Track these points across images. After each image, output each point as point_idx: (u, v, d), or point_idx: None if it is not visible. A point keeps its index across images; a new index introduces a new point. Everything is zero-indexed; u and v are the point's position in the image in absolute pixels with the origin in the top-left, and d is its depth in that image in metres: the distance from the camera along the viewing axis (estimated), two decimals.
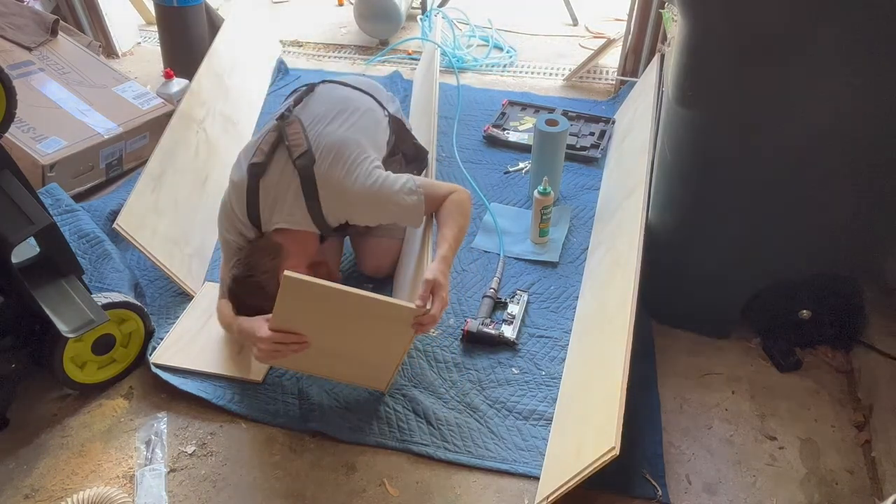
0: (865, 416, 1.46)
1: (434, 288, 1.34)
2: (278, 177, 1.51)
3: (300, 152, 1.50)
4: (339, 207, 1.52)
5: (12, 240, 1.29)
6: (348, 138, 1.55)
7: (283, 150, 1.53)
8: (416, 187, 1.51)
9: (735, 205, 1.42)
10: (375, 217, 1.57)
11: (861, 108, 1.19)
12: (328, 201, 1.51)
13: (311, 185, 1.49)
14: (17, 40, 2.31)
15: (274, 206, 1.52)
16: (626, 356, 1.26)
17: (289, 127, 1.55)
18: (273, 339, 1.36)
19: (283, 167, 1.52)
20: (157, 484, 1.37)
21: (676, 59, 1.35)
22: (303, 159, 1.50)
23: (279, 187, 1.51)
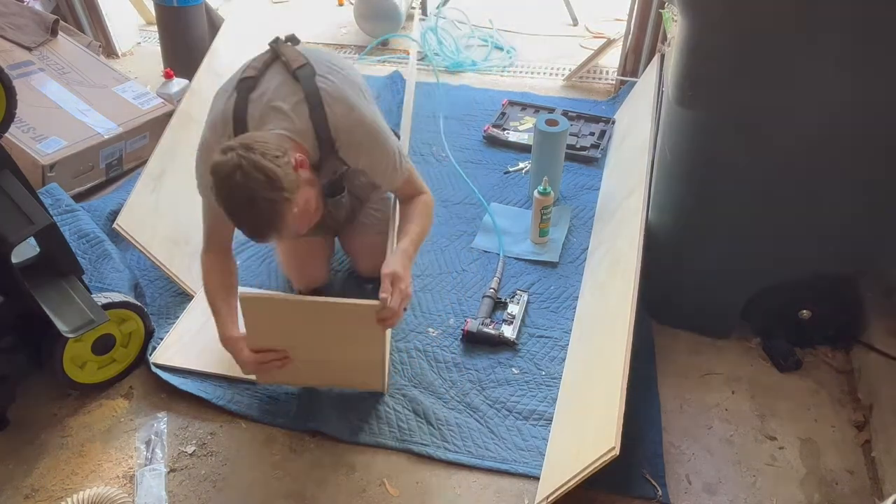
0: (865, 416, 1.46)
1: (393, 280, 1.32)
2: (275, 87, 1.36)
3: (300, 64, 1.36)
4: (344, 126, 1.37)
5: (12, 240, 1.29)
6: (351, 74, 1.46)
7: (279, 65, 1.40)
8: (402, 160, 1.48)
9: (735, 204, 1.42)
10: (368, 156, 1.43)
11: (861, 108, 1.19)
12: (335, 114, 1.35)
13: (315, 93, 1.34)
14: (17, 40, 2.31)
15: (268, 115, 1.34)
16: (626, 356, 1.26)
17: (284, 48, 1.42)
18: (256, 360, 1.41)
19: (280, 79, 1.37)
20: (157, 484, 1.38)
21: (676, 59, 1.35)
22: (304, 70, 1.36)
23: (276, 95, 1.35)
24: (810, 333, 1.59)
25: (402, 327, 1.70)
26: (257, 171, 1.19)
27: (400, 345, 1.66)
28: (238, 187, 1.20)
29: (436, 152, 2.35)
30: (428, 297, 1.79)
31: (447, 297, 1.79)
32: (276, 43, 1.44)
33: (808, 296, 1.53)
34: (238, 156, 1.19)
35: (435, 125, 2.48)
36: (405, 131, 2.09)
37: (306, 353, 1.44)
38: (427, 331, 1.70)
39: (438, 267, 1.89)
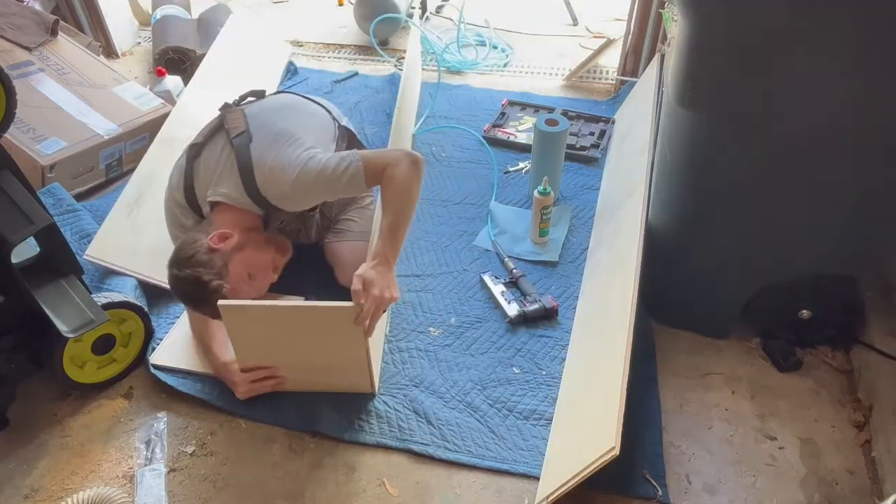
0: (865, 416, 1.46)
1: (365, 285, 1.32)
2: (216, 156, 1.51)
3: (238, 132, 1.51)
4: (274, 187, 1.47)
5: (12, 240, 1.29)
6: (287, 130, 1.53)
7: (222, 133, 1.54)
8: (351, 160, 1.45)
9: (735, 205, 1.42)
10: (310, 199, 1.54)
11: (861, 108, 1.19)
12: (263, 179, 1.46)
13: (247, 161, 1.46)
14: (17, 40, 2.31)
15: (209, 182, 1.50)
16: (626, 356, 1.26)
17: (230, 113, 1.57)
18: (248, 379, 1.47)
19: (221, 147, 1.52)
20: (157, 484, 1.38)
21: (676, 59, 1.35)
22: (240, 138, 1.50)
23: (217, 165, 1.50)
24: (810, 333, 1.59)
25: (402, 327, 1.71)
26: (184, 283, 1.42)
27: (401, 344, 1.66)
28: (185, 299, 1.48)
29: (436, 152, 2.35)
30: (429, 297, 1.79)
31: (448, 297, 1.79)
32: (224, 108, 1.61)
33: (808, 296, 1.53)
34: (169, 277, 1.45)
35: (435, 125, 2.48)
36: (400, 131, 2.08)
37: (291, 359, 1.46)
38: (428, 330, 1.70)
39: (439, 266, 1.89)
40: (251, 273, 1.47)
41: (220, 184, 1.49)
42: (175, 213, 1.56)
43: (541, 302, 1.71)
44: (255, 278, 1.48)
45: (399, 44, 3.10)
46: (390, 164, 1.45)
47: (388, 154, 1.49)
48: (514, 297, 1.75)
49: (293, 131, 1.54)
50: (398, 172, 1.44)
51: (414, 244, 1.95)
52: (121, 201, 1.86)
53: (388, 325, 1.71)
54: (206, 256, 1.41)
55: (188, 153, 1.55)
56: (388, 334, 1.69)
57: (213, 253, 1.42)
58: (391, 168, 1.44)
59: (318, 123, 1.66)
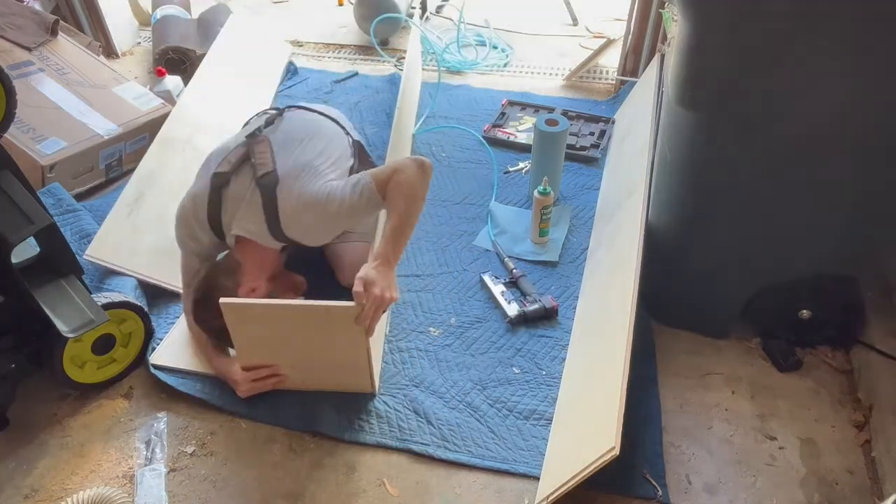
0: (865, 416, 1.46)
1: (366, 285, 1.32)
2: (242, 191, 1.51)
3: (264, 171, 1.50)
4: (298, 231, 1.50)
5: (12, 240, 1.29)
6: (311, 163, 1.54)
7: (249, 167, 1.53)
8: (363, 182, 1.46)
9: (735, 205, 1.42)
10: (332, 231, 1.57)
11: (861, 108, 1.19)
12: (287, 222, 1.48)
13: (273, 205, 1.47)
14: (17, 40, 2.31)
15: (234, 214, 1.51)
16: (626, 356, 1.26)
17: (257, 145, 1.55)
18: (248, 378, 1.48)
19: (247, 182, 1.51)
20: (157, 484, 1.38)
21: (676, 59, 1.35)
22: (266, 179, 1.49)
23: (242, 199, 1.50)
24: (810, 333, 1.59)
25: (402, 327, 1.71)
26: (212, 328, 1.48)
27: (401, 344, 1.66)
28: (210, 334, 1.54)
29: (435, 152, 2.35)
30: (429, 297, 1.79)
31: (448, 297, 1.79)
32: (251, 138, 1.58)
33: (808, 296, 1.53)
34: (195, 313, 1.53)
35: (435, 125, 2.48)
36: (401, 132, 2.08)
37: (292, 358, 1.46)
38: (428, 330, 1.70)
39: (439, 266, 1.89)
40: None
41: (245, 219, 1.50)
42: (192, 226, 1.56)
43: (541, 302, 1.71)
44: None
45: (399, 44, 3.10)
46: (397, 170, 1.46)
47: (395, 163, 1.50)
48: (514, 297, 1.75)
49: (316, 165, 1.54)
50: (404, 177, 1.44)
51: (414, 244, 1.95)
52: (121, 201, 1.86)
53: (388, 325, 1.71)
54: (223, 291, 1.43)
55: (214, 181, 1.52)
56: (388, 334, 1.69)
57: None
58: (398, 173, 1.45)
59: (336, 146, 1.65)
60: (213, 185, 1.52)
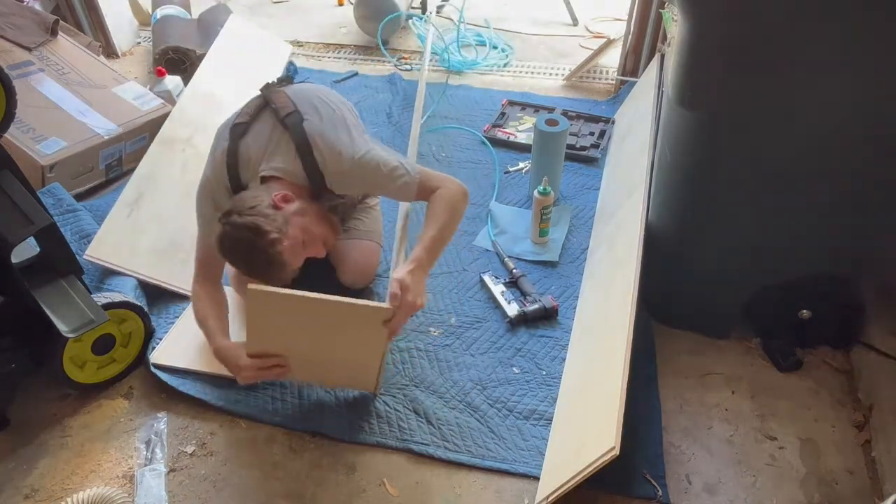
0: (865, 416, 1.46)
1: (402, 289, 1.32)
2: (266, 133, 1.48)
3: (287, 111, 1.47)
4: (334, 167, 1.46)
5: (12, 240, 1.29)
6: (336, 111, 1.53)
7: (269, 112, 1.50)
8: (409, 170, 1.48)
9: (735, 205, 1.42)
10: (364, 186, 1.56)
11: (861, 108, 1.19)
12: (322, 155, 1.45)
13: (303, 138, 1.44)
14: (17, 40, 2.31)
15: (260, 158, 1.46)
16: (626, 356, 1.26)
17: (274, 94, 1.52)
18: (254, 365, 1.41)
19: (270, 126, 1.48)
20: (157, 484, 1.38)
21: (676, 59, 1.35)
22: (292, 117, 1.46)
23: (269, 142, 1.47)
24: (810, 333, 1.59)
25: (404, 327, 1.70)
26: (239, 228, 1.35)
27: (401, 344, 1.66)
28: (233, 251, 1.39)
29: (436, 152, 2.35)
30: (429, 297, 1.79)
31: (448, 297, 1.79)
32: (266, 89, 1.56)
33: (808, 296, 1.53)
34: (223, 224, 1.38)
35: (435, 125, 2.48)
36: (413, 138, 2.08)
37: (305, 351, 1.43)
38: (429, 330, 1.70)
39: (439, 267, 1.89)
40: (305, 241, 1.43)
41: (274, 159, 1.45)
42: (214, 192, 1.51)
43: (541, 302, 1.71)
44: (307, 248, 1.45)
45: (399, 44, 3.10)
46: (446, 185, 1.50)
47: (443, 177, 1.53)
48: (514, 297, 1.75)
49: (344, 117, 1.53)
50: (449, 193, 1.48)
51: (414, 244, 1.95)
52: (121, 201, 1.86)
53: None
54: (270, 210, 1.37)
55: (232, 133, 1.49)
56: None
57: (276, 210, 1.38)
58: (446, 188, 1.49)
59: (355, 116, 1.64)
60: (231, 138, 1.49)
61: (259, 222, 1.35)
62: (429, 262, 1.42)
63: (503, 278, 1.82)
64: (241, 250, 1.37)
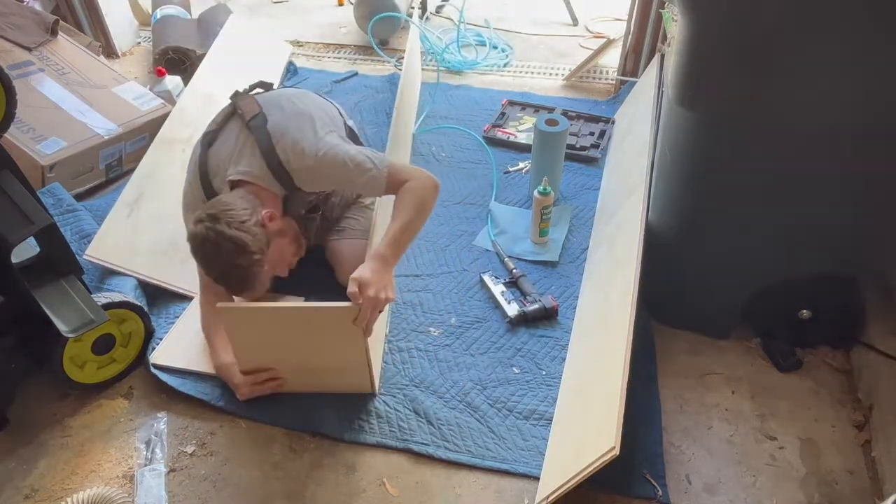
0: (865, 416, 1.46)
1: (360, 286, 1.31)
2: (233, 140, 1.51)
3: (253, 115, 1.50)
4: (298, 163, 1.47)
5: (12, 240, 1.29)
6: (304, 109, 1.56)
7: (236, 119, 1.54)
8: (376, 164, 1.48)
9: (735, 204, 1.42)
10: (331, 181, 1.56)
11: (861, 108, 1.19)
12: (284, 151, 1.47)
13: (266, 139, 1.47)
14: (17, 40, 2.31)
15: (227, 164, 1.49)
16: (626, 356, 1.26)
17: (242, 100, 1.56)
18: (248, 382, 1.49)
19: (237, 132, 1.52)
20: (157, 484, 1.38)
21: (676, 59, 1.35)
22: (256, 120, 1.50)
23: (234, 147, 1.50)
24: (810, 333, 1.59)
25: (402, 327, 1.71)
26: (226, 240, 1.35)
27: (401, 344, 1.66)
28: (210, 258, 1.39)
29: (435, 152, 2.35)
30: (429, 297, 1.79)
31: (448, 297, 1.79)
32: (235, 97, 1.59)
33: (808, 296, 1.53)
34: (206, 228, 1.36)
35: (435, 125, 2.48)
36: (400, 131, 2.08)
37: (291, 360, 1.46)
38: (428, 330, 1.70)
39: (439, 266, 1.89)
40: (278, 264, 1.48)
41: (240, 163, 1.48)
42: (193, 205, 1.55)
43: (541, 302, 1.71)
44: (276, 269, 1.49)
45: (399, 44, 3.10)
46: (415, 177, 1.48)
47: (412, 170, 1.52)
48: (514, 296, 1.75)
49: (310, 114, 1.55)
50: (417, 185, 1.47)
51: (414, 244, 1.94)
52: (121, 201, 1.86)
53: (388, 325, 1.71)
54: (257, 229, 1.40)
55: (202, 141, 1.55)
56: (388, 334, 1.69)
57: (262, 228, 1.41)
58: (415, 180, 1.48)
59: (329, 115, 1.66)
60: (202, 147, 1.53)
61: (246, 240, 1.37)
62: (393, 256, 1.41)
63: (503, 278, 1.82)
64: (220, 261, 1.39)
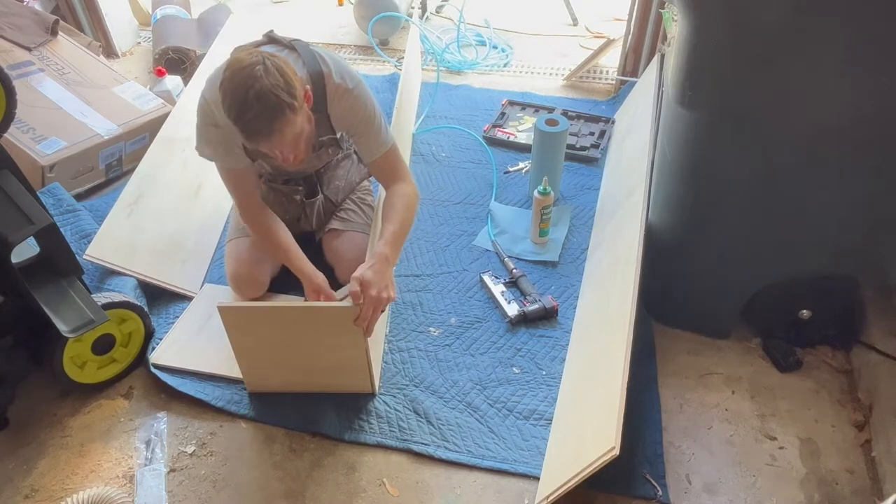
0: (865, 416, 1.46)
1: (363, 286, 1.32)
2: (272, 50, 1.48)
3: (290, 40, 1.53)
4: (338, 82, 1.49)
5: (12, 240, 1.29)
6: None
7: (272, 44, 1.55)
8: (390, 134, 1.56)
9: (735, 204, 1.42)
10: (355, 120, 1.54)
11: (860, 108, 1.19)
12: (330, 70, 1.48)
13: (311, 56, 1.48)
14: (17, 40, 2.31)
15: None
16: (626, 356, 1.26)
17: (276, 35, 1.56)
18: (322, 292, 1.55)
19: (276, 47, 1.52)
20: (157, 484, 1.38)
21: (676, 59, 1.35)
22: (298, 42, 1.52)
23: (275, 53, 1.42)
24: (810, 333, 1.59)
25: (402, 327, 1.71)
26: (278, 72, 1.28)
27: (401, 344, 1.66)
28: (255, 79, 1.26)
29: (435, 152, 2.35)
30: (429, 297, 1.79)
31: (448, 297, 1.79)
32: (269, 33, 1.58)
33: (808, 296, 1.53)
34: (263, 56, 1.29)
35: (435, 125, 2.49)
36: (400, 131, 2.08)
37: (291, 360, 1.46)
38: (428, 330, 1.70)
39: (439, 266, 1.89)
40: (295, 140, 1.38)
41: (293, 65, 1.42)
42: (215, 114, 1.47)
43: (541, 302, 1.71)
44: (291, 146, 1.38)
45: (399, 44, 3.10)
46: (405, 178, 1.57)
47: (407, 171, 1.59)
48: (514, 296, 1.75)
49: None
50: (411, 191, 1.55)
51: (414, 244, 1.96)
52: (121, 201, 1.86)
53: (388, 325, 1.71)
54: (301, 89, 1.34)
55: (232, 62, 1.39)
56: (388, 334, 1.69)
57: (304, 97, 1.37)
58: (405, 184, 1.56)
59: None
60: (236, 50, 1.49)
61: (295, 83, 1.31)
62: (393, 255, 1.42)
63: (503, 278, 1.82)
64: (261, 83, 1.26)
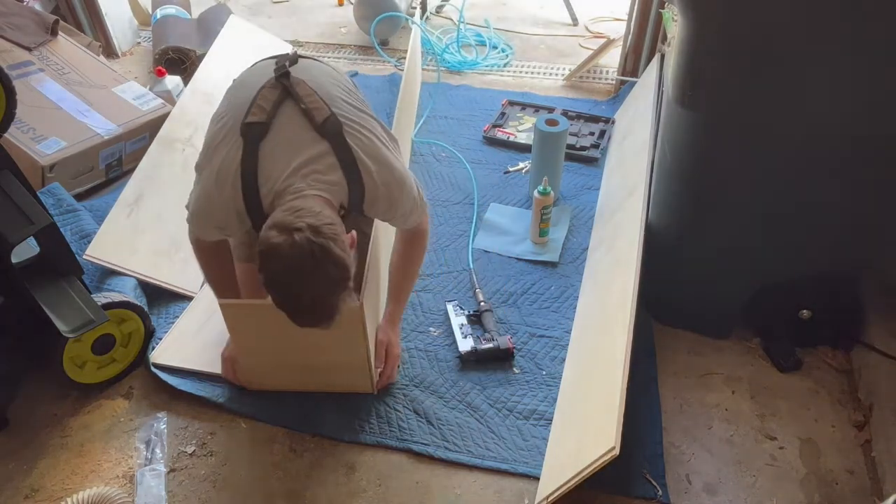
0: (865, 416, 1.46)
1: (388, 347, 1.50)
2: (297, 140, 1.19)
3: (323, 117, 1.19)
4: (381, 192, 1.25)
5: (12, 240, 1.29)
6: (366, 115, 1.30)
7: (293, 108, 1.21)
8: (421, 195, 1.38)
9: (734, 204, 1.42)
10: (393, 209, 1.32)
11: (861, 108, 1.19)
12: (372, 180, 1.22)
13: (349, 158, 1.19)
14: (17, 40, 2.30)
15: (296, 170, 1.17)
16: (626, 356, 1.26)
17: (297, 86, 1.23)
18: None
19: (297, 128, 1.20)
20: (157, 484, 1.38)
21: (676, 59, 1.35)
22: (330, 125, 1.19)
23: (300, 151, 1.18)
24: (810, 333, 1.59)
25: (402, 327, 1.70)
26: (332, 262, 1.08)
27: (401, 344, 1.66)
28: (305, 275, 1.07)
29: (435, 152, 2.35)
30: (429, 297, 1.79)
31: (448, 297, 1.79)
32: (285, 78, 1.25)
33: (808, 296, 1.53)
34: (307, 240, 1.06)
35: (435, 125, 2.48)
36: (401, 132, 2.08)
37: (292, 359, 1.46)
38: (428, 330, 1.70)
39: (439, 267, 1.89)
40: None
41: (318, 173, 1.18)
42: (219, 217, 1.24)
43: (496, 342, 1.60)
44: None
45: (399, 44, 3.10)
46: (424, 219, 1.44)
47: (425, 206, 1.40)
48: (471, 332, 1.65)
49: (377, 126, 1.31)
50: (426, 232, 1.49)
51: None
52: (121, 201, 1.85)
53: None
54: (350, 254, 1.14)
55: (245, 133, 1.19)
56: None
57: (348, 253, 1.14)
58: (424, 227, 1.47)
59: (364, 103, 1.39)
60: (246, 140, 1.17)
61: (349, 265, 1.11)
62: (400, 314, 1.58)
63: (468, 310, 1.72)
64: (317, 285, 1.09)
